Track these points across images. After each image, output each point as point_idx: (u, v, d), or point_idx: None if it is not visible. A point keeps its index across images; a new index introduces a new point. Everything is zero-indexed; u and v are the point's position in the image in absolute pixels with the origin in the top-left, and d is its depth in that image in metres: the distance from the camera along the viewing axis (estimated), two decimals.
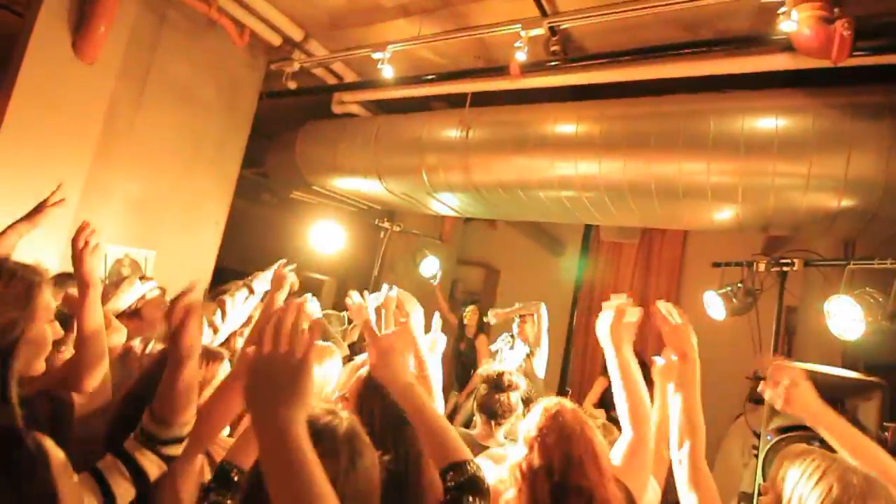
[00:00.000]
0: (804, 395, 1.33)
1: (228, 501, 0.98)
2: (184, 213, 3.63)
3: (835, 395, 2.56)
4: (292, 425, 0.73)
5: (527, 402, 1.97)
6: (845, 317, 2.51)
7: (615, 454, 1.36)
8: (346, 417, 0.93)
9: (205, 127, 3.68)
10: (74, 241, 1.35)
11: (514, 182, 3.47)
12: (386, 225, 4.56)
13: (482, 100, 3.63)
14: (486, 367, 2.12)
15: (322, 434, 0.88)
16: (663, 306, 1.48)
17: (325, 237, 4.19)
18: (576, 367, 5.31)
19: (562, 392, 4.26)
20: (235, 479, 1.01)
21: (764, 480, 2.40)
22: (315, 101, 4.37)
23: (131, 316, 2.07)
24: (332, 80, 4.13)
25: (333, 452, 0.86)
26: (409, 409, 1.06)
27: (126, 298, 2.12)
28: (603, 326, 1.50)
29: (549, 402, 1.29)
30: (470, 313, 4.77)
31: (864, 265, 2.68)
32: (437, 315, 2.60)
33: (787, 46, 2.47)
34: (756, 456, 2.62)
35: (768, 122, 2.62)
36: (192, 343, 1.05)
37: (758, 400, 2.67)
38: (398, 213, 5.32)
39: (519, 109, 3.52)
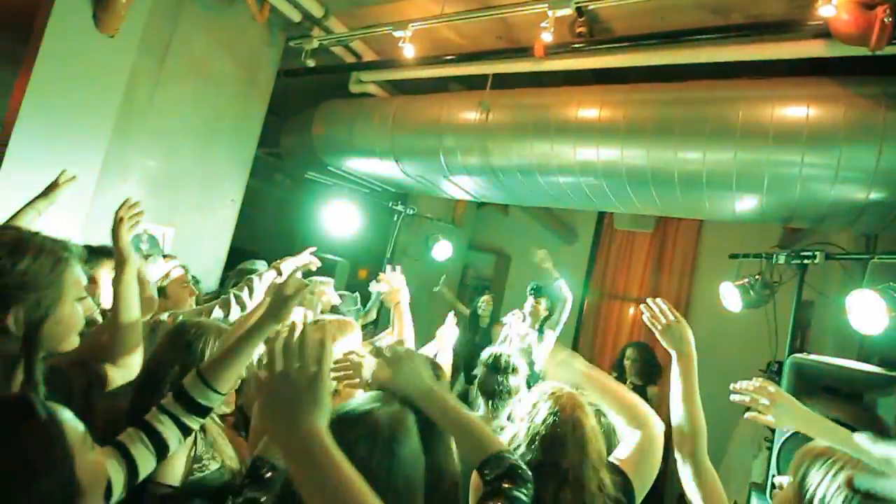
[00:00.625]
0: (790, 406, 1.33)
1: (263, 499, 0.98)
2: (201, 190, 3.62)
3: (854, 389, 2.56)
4: (316, 433, 0.74)
5: (530, 385, 1.96)
6: (867, 311, 2.48)
7: (622, 450, 1.33)
8: (396, 408, 0.93)
9: (223, 103, 3.65)
10: (117, 212, 1.35)
11: (534, 166, 3.42)
12: (399, 208, 4.54)
13: (502, 82, 3.57)
14: (486, 351, 2.09)
15: (362, 419, 0.89)
16: (653, 304, 1.45)
17: (340, 218, 4.17)
18: (584, 356, 5.30)
19: None
20: (268, 475, 1.00)
21: (778, 472, 2.42)
22: (330, 81, 4.32)
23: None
24: (350, 59, 4.07)
25: (371, 436, 0.86)
26: (434, 413, 1.02)
27: (149, 275, 2.12)
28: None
29: (550, 384, 1.30)
30: (484, 303, 4.71)
31: (888, 259, 2.64)
32: (451, 315, 2.60)
33: (822, 33, 2.40)
34: (769, 448, 2.63)
35: (799, 111, 2.56)
36: (289, 318, 1.11)
37: None
38: (411, 196, 5.30)
39: (540, 92, 3.46)
